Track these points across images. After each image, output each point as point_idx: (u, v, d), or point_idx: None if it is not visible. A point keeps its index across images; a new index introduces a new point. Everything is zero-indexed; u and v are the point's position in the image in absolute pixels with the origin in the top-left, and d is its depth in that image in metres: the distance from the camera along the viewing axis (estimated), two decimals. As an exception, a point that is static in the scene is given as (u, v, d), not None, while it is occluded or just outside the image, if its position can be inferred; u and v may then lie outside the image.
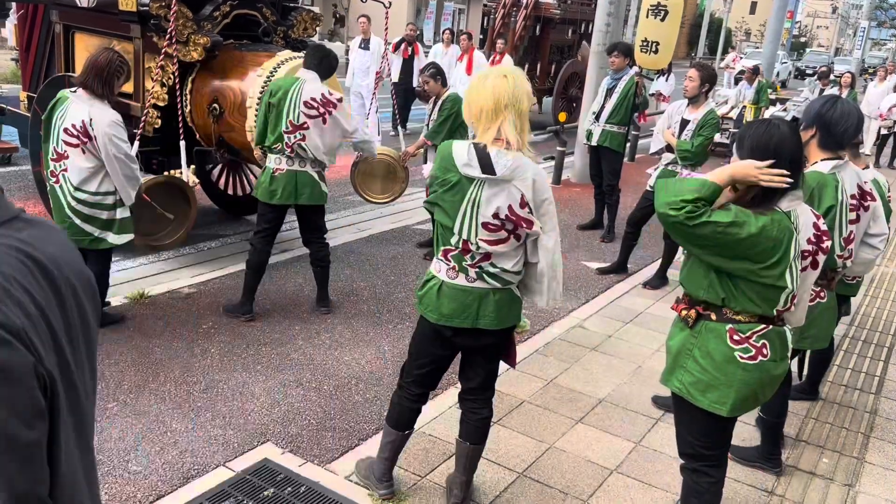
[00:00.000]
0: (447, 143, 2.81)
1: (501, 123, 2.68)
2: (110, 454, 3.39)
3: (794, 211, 2.53)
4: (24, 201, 6.84)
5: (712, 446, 2.77)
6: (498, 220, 2.72)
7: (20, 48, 7.20)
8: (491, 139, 2.70)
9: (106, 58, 4.23)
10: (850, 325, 5.80)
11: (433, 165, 2.89)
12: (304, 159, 4.73)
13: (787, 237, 2.47)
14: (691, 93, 5.86)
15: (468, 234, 2.74)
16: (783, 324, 2.68)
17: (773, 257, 2.45)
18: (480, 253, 2.78)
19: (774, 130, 2.50)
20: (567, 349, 4.92)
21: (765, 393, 2.70)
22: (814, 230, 2.60)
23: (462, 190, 2.72)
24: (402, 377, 3.13)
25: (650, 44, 7.37)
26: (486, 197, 2.71)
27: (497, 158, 2.68)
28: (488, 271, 2.81)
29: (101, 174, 4.26)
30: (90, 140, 4.16)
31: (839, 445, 4.03)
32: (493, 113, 2.68)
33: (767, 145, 2.47)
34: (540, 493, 3.39)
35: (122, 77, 4.34)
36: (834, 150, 3.41)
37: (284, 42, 6.42)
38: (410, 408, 3.11)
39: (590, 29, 13.50)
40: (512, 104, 2.67)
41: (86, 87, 4.22)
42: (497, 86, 2.66)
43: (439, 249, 2.87)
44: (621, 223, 7.09)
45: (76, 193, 4.25)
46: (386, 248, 6.67)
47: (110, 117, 4.21)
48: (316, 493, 3.21)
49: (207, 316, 4.92)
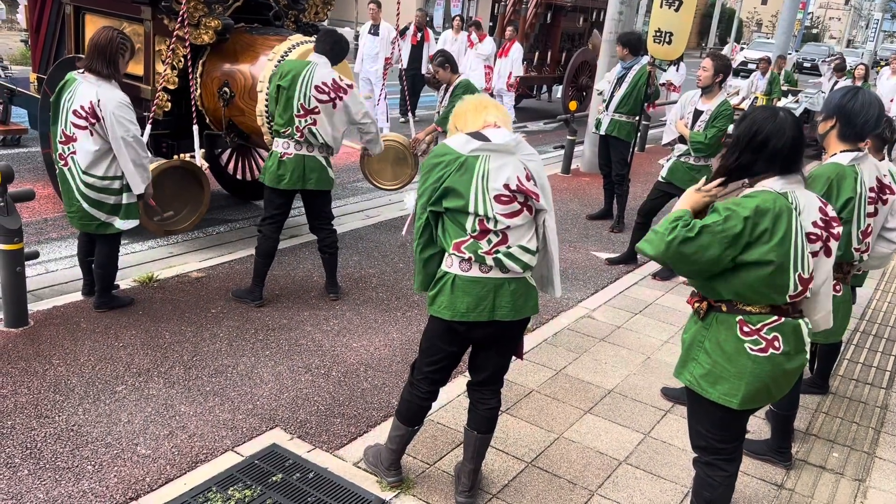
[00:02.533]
0: (437, 147, 2.90)
1: (486, 114, 2.88)
2: (119, 437, 3.39)
3: (793, 193, 2.51)
4: (33, 183, 6.84)
5: (725, 440, 2.75)
6: (509, 191, 2.74)
7: (30, 29, 7.18)
8: (480, 125, 2.85)
9: (106, 36, 4.20)
10: (861, 320, 5.76)
11: (421, 181, 2.88)
12: (313, 144, 4.70)
13: (787, 213, 2.46)
14: (705, 82, 5.80)
15: (484, 208, 2.74)
16: (800, 316, 2.64)
17: (777, 234, 2.43)
18: (499, 231, 2.77)
19: (762, 122, 2.53)
20: (576, 339, 4.90)
21: (779, 387, 2.66)
22: (820, 214, 2.55)
23: (469, 167, 2.75)
24: (413, 374, 3.11)
25: (664, 34, 7.27)
26: (495, 168, 2.75)
27: (492, 134, 2.80)
28: (506, 254, 2.79)
29: (108, 157, 4.24)
30: (98, 121, 4.14)
31: (849, 440, 4.01)
32: (475, 108, 2.90)
33: (752, 136, 2.53)
34: (548, 483, 3.38)
35: (127, 55, 4.31)
36: (853, 141, 3.37)
37: (296, 26, 6.39)
38: (421, 405, 3.10)
39: (602, 17, 13.41)
40: (493, 104, 2.95)
41: (91, 70, 4.19)
42: (472, 98, 2.99)
43: (450, 244, 2.83)
44: (631, 213, 7.06)
45: (84, 178, 4.23)
46: (395, 235, 6.65)
47: (119, 98, 4.18)
48: (324, 479, 3.21)
49: (216, 300, 4.92)
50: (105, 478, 3.12)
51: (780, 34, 17.11)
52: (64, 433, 3.38)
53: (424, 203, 2.83)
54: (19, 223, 4.23)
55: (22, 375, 3.82)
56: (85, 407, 3.60)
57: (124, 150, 4.18)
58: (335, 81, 4.66)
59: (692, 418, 2.83)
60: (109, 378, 3.87)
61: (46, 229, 6.14)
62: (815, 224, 2.53)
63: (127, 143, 4.17)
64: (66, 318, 4.49)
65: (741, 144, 2.55)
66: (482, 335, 2.92)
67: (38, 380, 3.79)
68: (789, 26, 16.59)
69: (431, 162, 2.83)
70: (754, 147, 2.51)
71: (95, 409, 3.59)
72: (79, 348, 4.14)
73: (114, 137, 4.15)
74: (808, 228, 2.51)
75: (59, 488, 3.03)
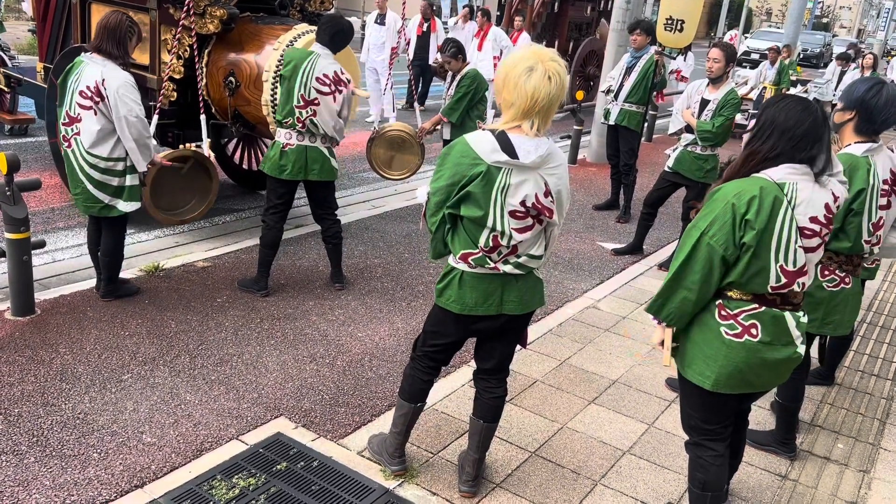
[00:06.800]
0: (459, 141, 2.71)
1: (524, 121, 2.64)
2: (124, 425, 3.41)
3: (791, 183, 2.47)
4: (40, 172, 6.87)
5: (709, 420, 2.76)
6: (524, 207, 2.68)
7: (37, 19, 7.18)
8: (509, 128, 2.66)
9: (116, 18, 4.27)
10: (869, 311, 5.74)
11: (436, 177, 2.75)
12: (315, 135, 4.70)
13: (773, 202, 2.43)
14: (717, 74, 5.75)
15: (501, 224, 2.68)
16: (788, 308, 2.60)
17: (759, 219, 2.42)
18: (509, 247, 2.74)
19: (786, 109, 2.51)
20: (581, 330, 4.90)
21: (759, 376, 2.63)
22: (825, 211, 2.52)
23: (490, 179, 2.64)
24: (415, 350, 3.13)
25: (675, 21, 7.20)
26: (515, 183, 2.65)
27: (519, 144, 2.63)
28: (515, 264, 2.80)
29: (113, 138, 4.25)
30: (102, 100, 4.16)
31: (854, 431, 4.00)
32: (524, 113, 2.61)
33: (777, 122, 2.50)
34: (552, 472, 3.38)
35: (135, 38, 4.34)
36: (869, 135, 3.33)
37: (301, 15, 6.37)
38: (422, 380, 3.11)
39: (609, 6, 13.32)
40: (545, 108, 2.61)
41: (100, 51, 4.24)
42: (539, 88, 2.55)
43: (458, 252, 2.79)
44: (637, 204, 7.03)
45: (87, 157, 4.24)
46: (400, 225, 6.65)
47: (123, 77, 4.21)
48: (328, 468, 3.22)
49: (222, 290, 4.93)
50: (111, 465, 3.14)
51: (789, 23, 16.95)
52: (70, 421, 3.41)
53: (440, 202, 2.73)
54: (26, 212, 4.24)
55: (29, 364, 3.84)
56: (91, 395, 3.62)
57: (126, 130, 4.21)
58: (336, 74, 4.65)
59: (681, 399, 2.87)
60: (115, 367, 3.89)
61: (53, 218, 6.17)
62: (815, 220, 2.49)
63: (130, 122, 4.19)
64: (73, 307, 4.51)
65: (777, 131, 2.50)
66: (489, 327, 2.92)
67: (45, 368, 3.82)
68: (799, 15, 16.43)
69: (452, 160, 2.68)
70: (786, 135, 2.49)
71: (101, 397, 3.62)
72: (85, 337, 4.16)
73: (117, 117, 4.17)
74: (802, 223, 2.48)
75: (66, 475, 3.05)
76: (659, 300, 2.66)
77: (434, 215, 2.79)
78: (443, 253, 2.89)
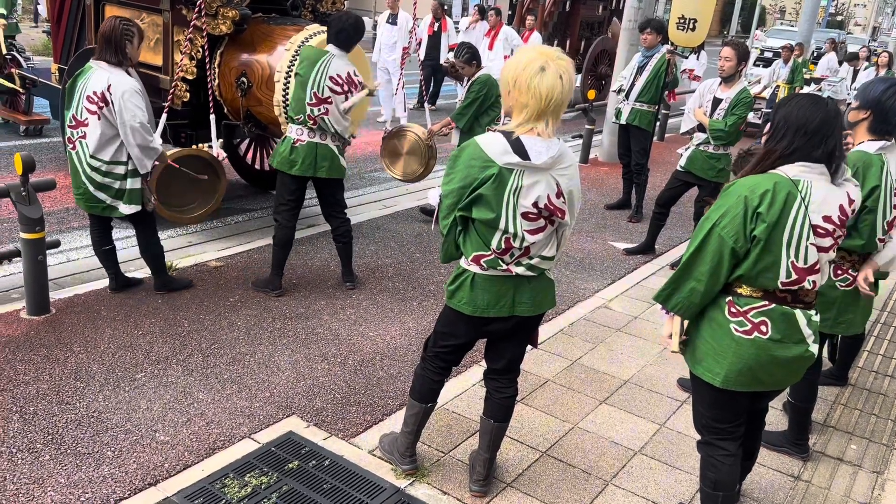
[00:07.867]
0: (470, 143, 2.70)
1: (538, 122, 2.63)
2: (138, 424, 3.44)
3: (805, 181, 2.47)
4: (55, 172, 6.92)
5: (720, 419, 2.76)
6: (536, 208, 2.67)
7: (51, 20, 7.24)
8: (524, 131, 2.65)
9: (109, 25, 4.30)
10: (882, 311, 5.70)
11: (447, 180, 2.74)
12: (326, 132, 4.73)
13: (787, 197, 2.43)
14: (729, 72, 5.73)
15: (513, 226, 2.68)
16: (800, 306, 2.60)
17: (770, 213, 2.42)
18: (522, 248, 2.74)
19: (805, 106, 2.50)
20: (592, 329, 4.89)
21: (770, 374, 2.62)
22: (839, 213, 2.51)
23: (502, 181, 2.64)
24: (426, 350, 3.13)
25: (687, 21, 7.18)
26: (527, 185, 2.64)
27: (531, 145, 2.63)
28: (528, 265, 2.80)
29: (114, 143, 4.30)
30: (107, 105, 4.20)
31: (868, 432, 3.97)
32: (539, 113, 2.61)
33: (795, 120, 2.50)
34: (562, 472, 3.38)
35: (135, 40, 4.36)
36: (882, 135, 3.31)
37: (313, 15, 6.39)
38: (433, 380, 3.11)
39: (621, 5, 13.28)
40: (556, 108, 2.61)
41: (102, 59, 4.27)
42: (551, 87, 2.55)
43: (469, 254, 2.79)
44: (649, 203, 7.01)
45: (91, 161, 4.30)
46: (411, 225, 6.66)
47: (129, 84, 4.25)
48: (339, 467, 3.23)
49: (234, 289, 4.96)
50: (124, 463, 3.16)
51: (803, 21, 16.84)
52: (84, 419, 3.44)
53: (452, 204, 2.73)
54: (41, 212, 4.28)
55: (44, 362, 3.88)
56: (105, 394, 3.65)
57: (130, 136, 4.25)
58: (349, 76, 4.68)
59: (693, 398, 2.87)
60: (129, 365, 3.92)
61: (68, 218, 6.22)
62: (829, 220, 2.49)
63: (133, 128, 4.24)
64: (87, 306, 4.55)
65: (791, 129, 2.50)
66: (500, 328, 2.93)
67: (60, 367, 3.85)
68: (813, 13, 16.33)
69: (463, 162, 2.68)
70: (800, 131, 2.48)
71: (115, 395, 3.65)
72: (99, 336, 4.20)
73: (121, 122, 4.22)
74: (816, 221, 2.47)
75: (80, 473, 3.08)
76: (668, 289, 2.66)
77: (446, 218, 2.79)
78: (454, 256, 2.89)
